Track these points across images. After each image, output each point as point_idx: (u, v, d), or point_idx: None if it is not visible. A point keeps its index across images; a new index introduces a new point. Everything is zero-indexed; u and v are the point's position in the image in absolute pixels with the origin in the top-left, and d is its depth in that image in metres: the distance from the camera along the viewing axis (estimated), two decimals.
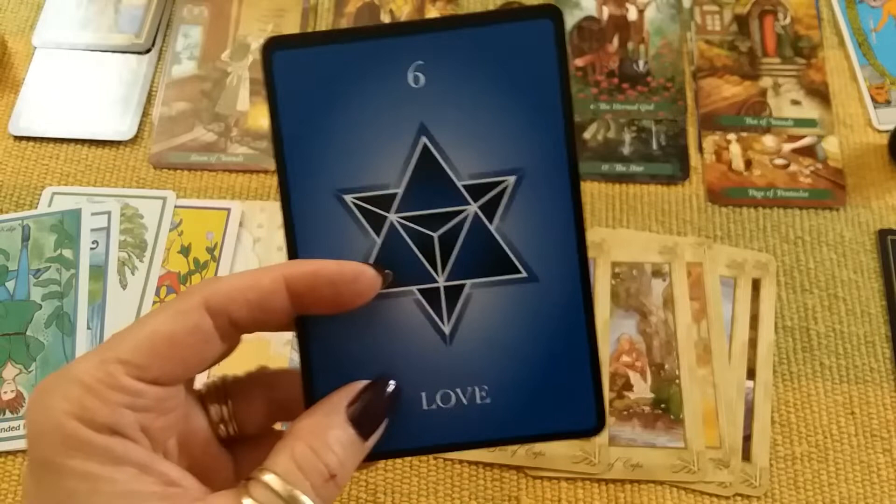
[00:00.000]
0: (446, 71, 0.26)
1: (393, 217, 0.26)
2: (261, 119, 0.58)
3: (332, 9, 0.63)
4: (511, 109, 0.26)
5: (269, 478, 0.22)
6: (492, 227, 0.26)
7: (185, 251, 0.53)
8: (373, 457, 0.25)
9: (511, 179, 0.26)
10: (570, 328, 0.26)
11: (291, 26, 0.62)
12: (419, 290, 0.26)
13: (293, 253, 0.26)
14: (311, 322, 0.26)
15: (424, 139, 0.26)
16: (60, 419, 0.21)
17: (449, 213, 0.26)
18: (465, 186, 0.26)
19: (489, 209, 0.26)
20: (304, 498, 0.22)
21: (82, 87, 0.59)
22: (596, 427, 0.26)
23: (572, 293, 0.26)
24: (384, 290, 0.26)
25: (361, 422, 0.24)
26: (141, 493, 0.21)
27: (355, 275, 0.24)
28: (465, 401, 0.26)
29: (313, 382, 0.26)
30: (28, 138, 0.57)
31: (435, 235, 0.26)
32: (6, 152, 0.57)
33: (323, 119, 0.26)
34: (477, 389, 0.26)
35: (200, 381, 0.27)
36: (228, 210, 0.54)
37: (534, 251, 0.26)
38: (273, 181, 0.56)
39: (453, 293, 0.26)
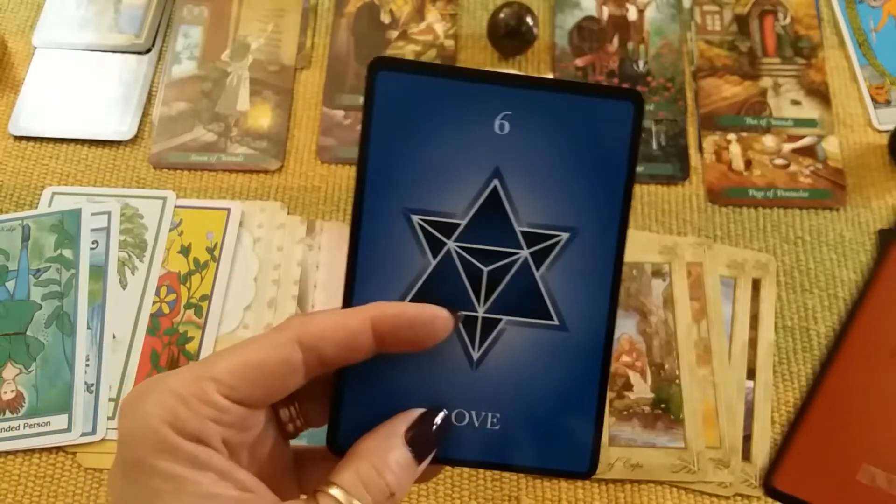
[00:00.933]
0: (530, 126, 0.28)
1: (452, 244, 0.28)
2: (260, 119, 0.58)
3: (332, 9, 0.63)
4: (580, 173, 0.28)
5: (335, 491, 0.25)
6: (537, 274, 0.28)
7: (185, 251, 0.53)
8: None
9: (565, 236, 0.28)
10: (585, 379, 0.28)
11: (291, 26, 0.62)
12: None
13: (354, 253, 0.28)
14: None
15: (496, 182, 0.28)
16: (154, 424, 0.23)
17: (502, 253, 0.28)
18: (522, 232, 0.28)
19: (539, 257, 0.28)
20: None
21: (82, 87, 0.59)
22: (588, 472, 0.28)
23: (594, 349, 0.28)
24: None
25: (417, 447, 0.27)
26: (220, 496, 0.23)
27: (433, 317, 0.27)
28: (476, 423, 0.28)
29: (344, 382, 0.28)
30: (28, 138, 0.57)
31: (485, 270, 0.28)
32: (6, 152, 0.57)
33: (408, 141, 0.28)
34: (490, 415, 0.28)
35: None
36: (228, 210, 0.54)
37: (569, 304, 0.28)
38: (273, 181, 0.56)
39: (489, 325, 0.28)
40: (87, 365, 0.49)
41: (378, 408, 0.28)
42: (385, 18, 0.62)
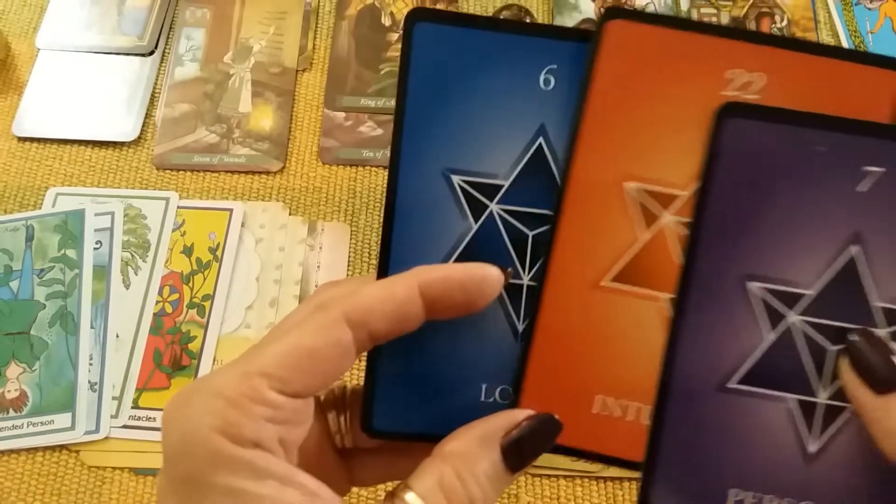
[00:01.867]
0: (576, 80, 0.26)
1: (494, 207, 0.26)
2: (262, 120, 0.59)
3: (333, 11, 0.63)
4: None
5: (411, 497, 0.22)
6: None
7: (187, 251, 0.53)
8: (412, 437, 0.26)
9: None
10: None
11: (293, 29, 0.62)
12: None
13: (389, 218, 0.26)
14: None
15: (541, 140, 0.26)
16: (206, 434, 0.21)
17: (549, 217, 0.26)
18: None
19: None
20: None
21: (86, 88, 0.60)
22: None
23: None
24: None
25: (514, 454, 0.24)
26: None
27: (483, 277, 0.24)
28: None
29: (377, 353, 0.26)
30: (32, 139, 0.58)
31: (530, 234, 0.26)
32: (10, 153, 0.57)
33: (448, 97, 0.26)
34: None
35: None
36: (231, 210, 0.55)
37: None
38: (275, 182, 0.57)
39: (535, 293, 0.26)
40: (90, 364, 0.50)
41: (418, 383, 0.26)
42: (386, 21, 0.63)
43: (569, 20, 0.62)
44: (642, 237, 0.25)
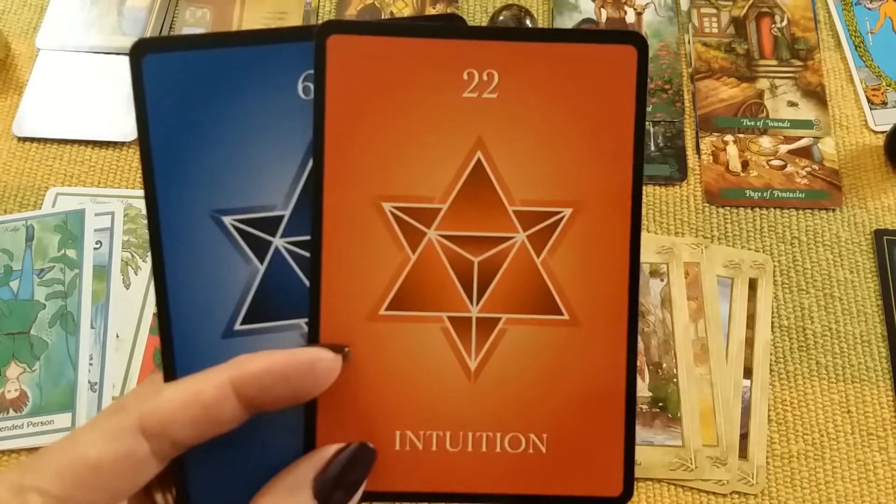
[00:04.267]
0: None
1: (279, 242, 0.24)
2: None
3: (333, 11, 0.63)
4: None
5: None
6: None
7: None
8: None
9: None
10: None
11: None
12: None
13: (160, 277, 0.23)
14: None
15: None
16: None
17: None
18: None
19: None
20: None
21: (86, 88, 0.60)
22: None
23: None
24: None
25: (330, 494, 0.22)
26: None
27: (311, 362, 0.21)
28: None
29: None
30: (32, 139, 0.58)
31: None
32: (10, 154, 0.57)
33: (199, 132, 0.23)
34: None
35: None
36: None
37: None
38: None
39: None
40: (90, 364, 0.50)
41: (233, 449, 0.23)
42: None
43: (569, 21, 0.62)
44: (411, 259, 0.24)
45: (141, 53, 0.23)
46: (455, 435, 0.24)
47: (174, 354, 0.23)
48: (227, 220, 0.23)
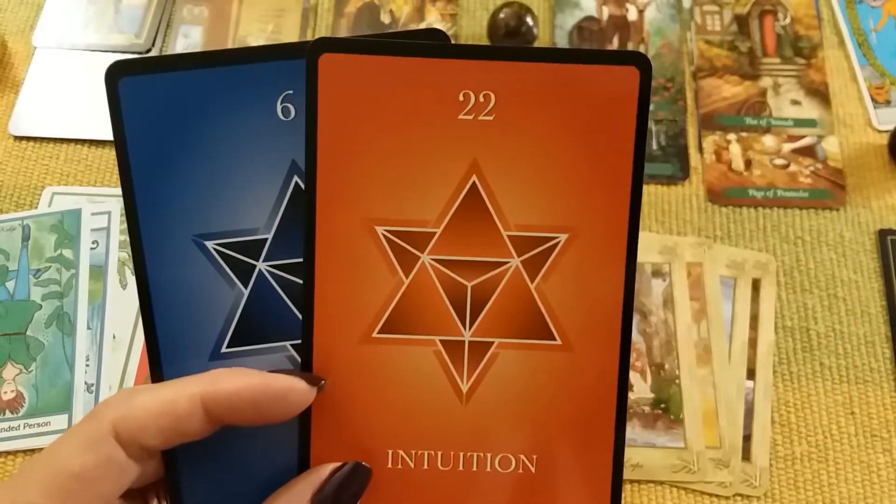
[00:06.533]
0: None
1: (262, 266, 0.24)
2: None
3: (331, 9, 0.63)
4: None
5: None
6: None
7: None
8: None
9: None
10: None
11: (291, 26, 0.62)
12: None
13: (146, 301, 0.23)
14: None
15: (297, 179, 0.23)
16: None
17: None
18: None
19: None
20: None
21: (82, 87, 0.59)
22: None
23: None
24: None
25: None
26: None
27: (285, 392, 0.22)
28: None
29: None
30: (28, 138, 0.57)
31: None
32: (6, 152, 0.57)
33: (178, 155, 0.23)
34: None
35: None
36: None
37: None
38: None
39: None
40: (87, 365, 0.49)
41: (225, 463, 0.23)
42: (385, 18, 0.62)
43: (570, 18, 0.62)
44: (404, 283, 0.24)
45: (117, 76, 0.23)
46: (446, 455, 0.24)
47: (163, 377, 0.24)
48: (210, 244, 0.23)
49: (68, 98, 0.59)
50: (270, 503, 0.22)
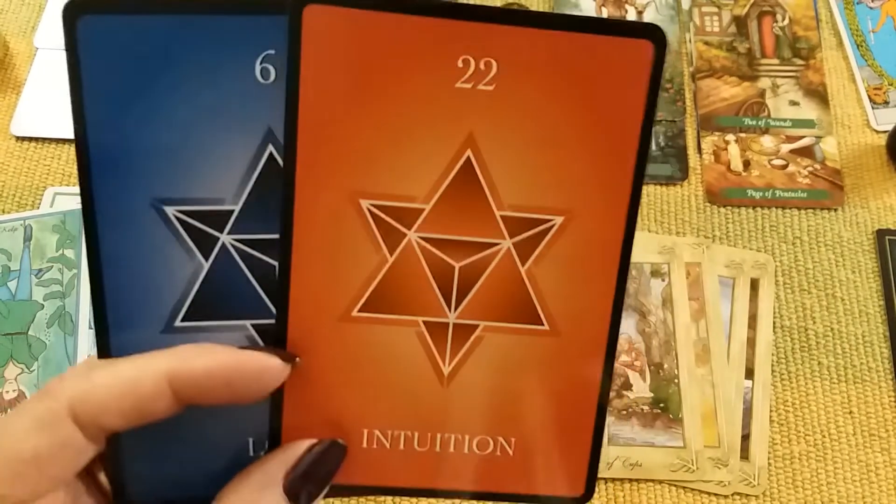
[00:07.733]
0: None
1: (226, 238, 0.22)
2: None
3: None
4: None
5: None
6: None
7: None
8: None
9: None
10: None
11: None
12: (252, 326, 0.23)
13: (96, 268, 0.21)
14: None
15: (271, 148, 0.21)
16: None
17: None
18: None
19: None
20: None
21: None
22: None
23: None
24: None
25: (300, 491, 0.21)
26: None
27: (259, 371, 0.21)
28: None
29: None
30: (30, 139, 0.58)
31: (277, 265, 0.22)
32: (8, 153, 0.57)
33: (142, 109, 0.21)
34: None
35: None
36: None
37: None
38: None
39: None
40: None
41: (174, 441, 0.22)
42: None
43: None
44: (388, 260, 0.22)
45: (76, 14, 0.20)
46: (423, 435, 0.24)
47: (110, 347, 0.22)
48: (170, 210, 0.21)
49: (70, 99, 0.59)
50: (242, 480, 0.21)
